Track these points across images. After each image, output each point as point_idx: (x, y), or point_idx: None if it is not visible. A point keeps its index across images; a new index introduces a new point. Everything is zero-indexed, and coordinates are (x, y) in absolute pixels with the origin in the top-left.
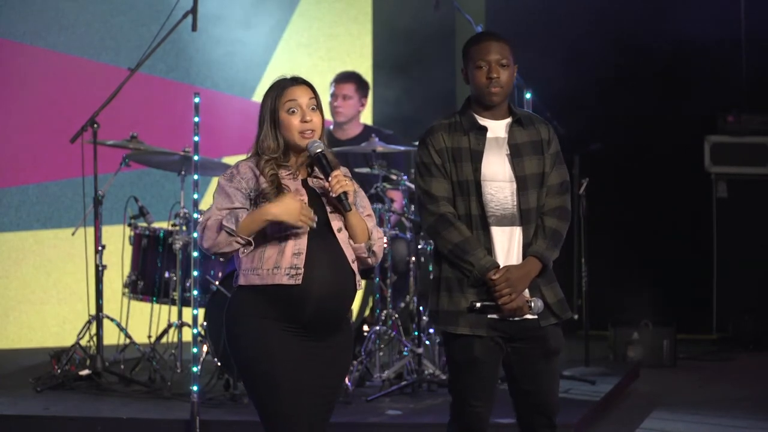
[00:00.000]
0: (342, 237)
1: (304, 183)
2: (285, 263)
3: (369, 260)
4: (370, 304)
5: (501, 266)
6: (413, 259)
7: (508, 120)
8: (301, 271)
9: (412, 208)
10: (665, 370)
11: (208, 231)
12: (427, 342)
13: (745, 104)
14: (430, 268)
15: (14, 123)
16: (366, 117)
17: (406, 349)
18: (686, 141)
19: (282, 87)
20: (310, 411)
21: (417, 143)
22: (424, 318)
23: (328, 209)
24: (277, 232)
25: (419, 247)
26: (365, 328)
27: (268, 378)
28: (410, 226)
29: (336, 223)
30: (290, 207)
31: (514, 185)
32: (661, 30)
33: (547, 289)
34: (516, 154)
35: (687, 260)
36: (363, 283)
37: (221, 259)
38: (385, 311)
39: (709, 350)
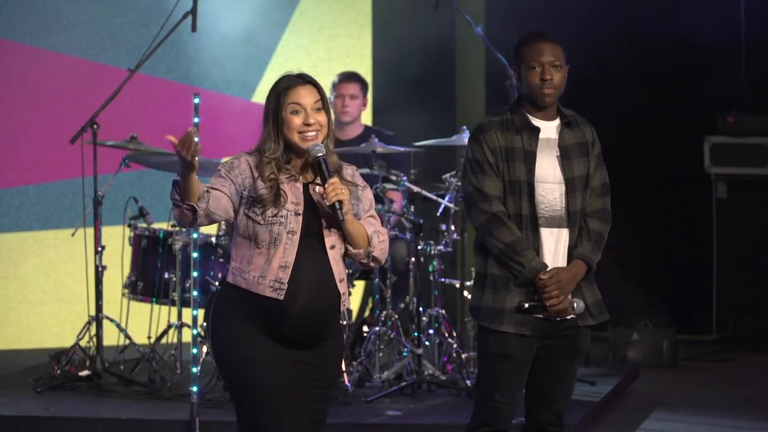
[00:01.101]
0: (333, 254)
1: (306, 188)
2: (270, 275)
3: (370, 264)
4: (370, 304)
5: (549, 268)
6: (413, 259)
7: (558, 121)
8: (285, 286)
9: (412, 208)
10: (665, 370)
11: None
12: (427, 343)
13: (745, 104)
14: (430, 269)
15: (14, 123)
16: (366, 118)
17: (405, 349)
18: (686, 141)
19: (287, 86)
20: (294, 419)
21: (469, 139)
22: (424, 318)
23: (324, 223)
24: (268, 240)
25: (419, 247)
26: (365, 328)
27: (252, 384)
28: (410, 227)
29: (330, 239)
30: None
31: (563, 187)
32: (661, 30)
33: (588, 290)
34: (565, 156)
35: (687, 260)
36: (349, 304)
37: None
38: (384, 312)
39: (709, 350)
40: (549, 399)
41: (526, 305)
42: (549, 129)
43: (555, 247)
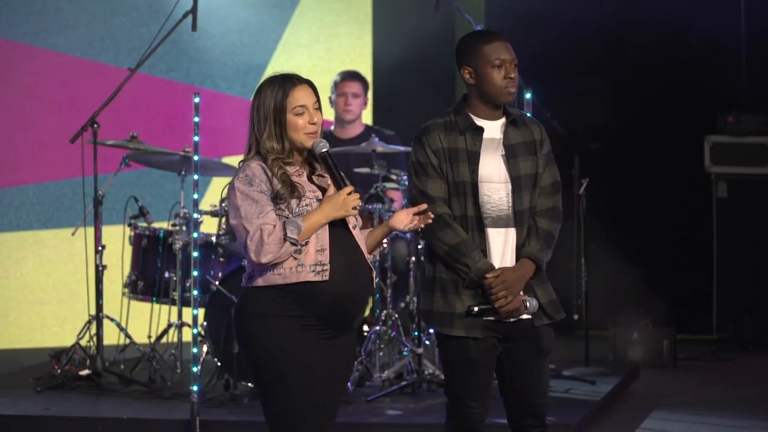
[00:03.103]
0: (357, 233)
1: (309, 180)
2: (309, 260)
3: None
4: (370, 304)
5: (496, 268)
6: (413, 259)
7: (503, 120)
8: (327, 267)
9: None
10: (665, 370)
11: (269, 246)
12: (427, 342)
13: (745, 104)
14: None
15: (14, 123)
16: (366, 117)
17: (406, 349)
18: (686, 141)
19: (288, 87)
20: (321, 413)
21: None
22: None
23: None
24: None
25: (419, 247)
26: (365, 328)
27: (285, 381)
28: None
29: (351, 219)
30: (338, 201)
31: (509, 186)
32: (661, 30)
33: (540, 289)
34: (511, 155)
35: (687, 260)
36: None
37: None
38: (385, 311)
39: (709, 350)
40: (527, 402)
41: (476, 309)
42: (493, 128)
43: (503, 247)
